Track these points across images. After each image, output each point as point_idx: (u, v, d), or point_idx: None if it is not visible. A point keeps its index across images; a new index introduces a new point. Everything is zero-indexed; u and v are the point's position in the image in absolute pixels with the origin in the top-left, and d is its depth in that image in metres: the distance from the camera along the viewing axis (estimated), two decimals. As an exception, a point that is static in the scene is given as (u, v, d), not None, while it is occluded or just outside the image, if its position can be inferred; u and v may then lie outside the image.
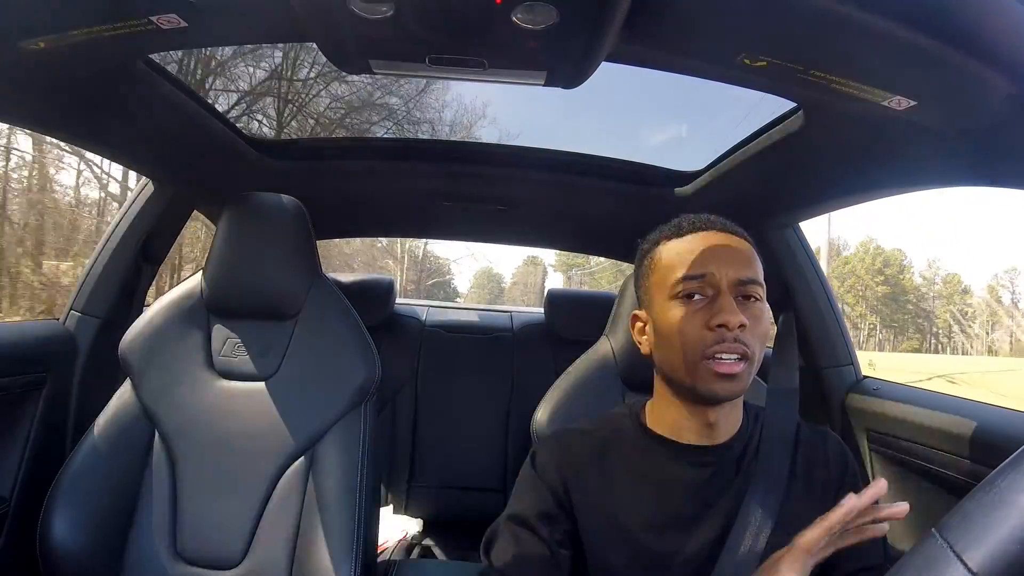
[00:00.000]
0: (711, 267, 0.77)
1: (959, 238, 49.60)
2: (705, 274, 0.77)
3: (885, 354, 33.43)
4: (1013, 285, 57.24)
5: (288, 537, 1.12)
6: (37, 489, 1.17)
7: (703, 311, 0.76)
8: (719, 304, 0.75)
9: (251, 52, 8.17)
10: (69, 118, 1.11)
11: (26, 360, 1.31)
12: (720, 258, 0.78)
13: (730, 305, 0.74)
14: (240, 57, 8.02)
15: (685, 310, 0.77)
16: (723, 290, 0.76)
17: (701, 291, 0.77)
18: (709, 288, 0.77)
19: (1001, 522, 0.41)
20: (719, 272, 0.76)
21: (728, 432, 0.82)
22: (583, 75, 0.85)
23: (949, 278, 56.54)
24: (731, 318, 0.73)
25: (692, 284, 0.77)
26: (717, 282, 0.76)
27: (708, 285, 0.77)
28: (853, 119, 0.95)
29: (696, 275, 0.77)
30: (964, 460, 1.11)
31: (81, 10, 0.75)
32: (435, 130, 11.44)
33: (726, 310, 0.74)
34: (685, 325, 0.76)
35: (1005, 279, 57.41)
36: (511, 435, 2.16)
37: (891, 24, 0.64)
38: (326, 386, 1.19)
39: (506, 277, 53.42)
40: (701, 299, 0.77)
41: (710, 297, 0.76)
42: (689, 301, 0.77)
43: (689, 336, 0.75)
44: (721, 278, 0.76)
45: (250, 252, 1.22)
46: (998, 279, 57.76)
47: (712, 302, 0.76)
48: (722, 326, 0.73)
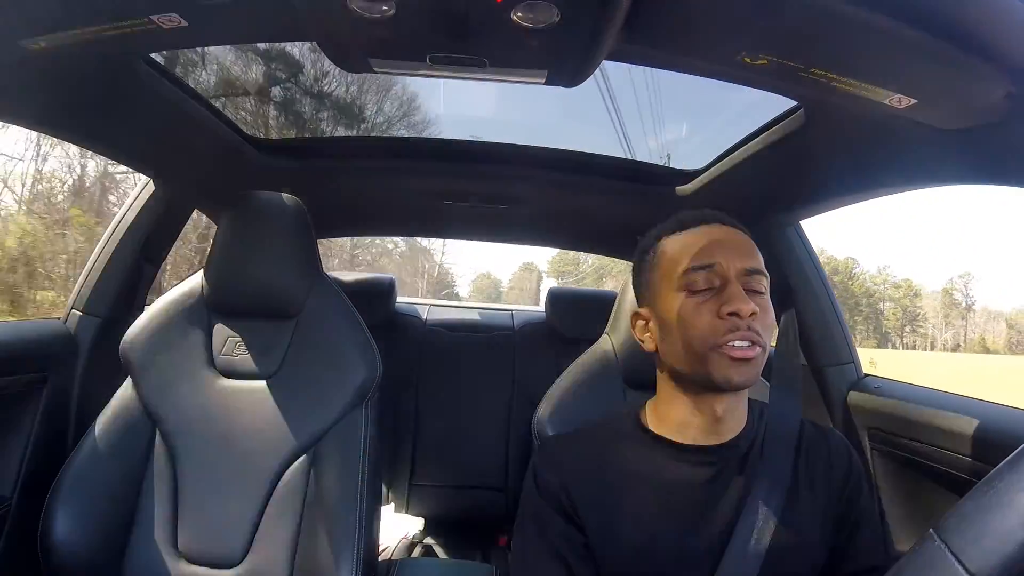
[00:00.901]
0: (718, 257, 0.77)
1: (915, 245, 54.08)
2: (713, 264, 0.76)
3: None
4: (967, 289, 59.63)
5: (289, 536, 1.12)
6: (38, 488, 1.17)
7: (712, 301, 0.75)
8: (729, 292, 0.74)
9: (251, 50, 8.17)
10: (70, 117, 1.11)
11: (27, 359, 1.31)
12: (726, 248, 0.78)
13: (740, 293, 0.74)
14: (240, 55, 8.02)
15: (694, 300, 0.76)
16: (731, 279, 0.75)
17: (709, 281, 0.76)
18: (717, 278, 0.76)
19: (998, 523, 0.41)
20: (726, 262, 0.76)
21: (734, 429, 0.82)
22: (584, 74, 0.85)
23: (900, 283, 59.06)
24: (743, 306, 0.73)
25: (700, 274, 0.77)
26: (725, 271, 0.76)
27: (716, 275, 0.76)
28: (854, 117, 0.95)
29: (704, 265, 0.77)
30: (966, 458, 1.11)
31: (82, 9, 0.75)
32: (435, 129, 11.40)
33: (737, 298, 0.73)
34: (695, 315, 0.75)
35: (959, 283, 59.86)
36: (512, 434, 2.16)
37: (891, 22, 0.64)
38: (327, 385, 1.19)
39: (504, 282, 54.75)
40: (709, 289, 0.76)
41: (718, 287, 0.76)
42: (696, 292, 0.76)
43: (700, 326, 0.75)
44: (729, 267, 0.76)
45: (251, 251, 1.22)
46: (952, 283, 60.31)
47: (720, 292, 0.75)
48: (734, 314, 0.73)
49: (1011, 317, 61.72)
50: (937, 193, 3.90)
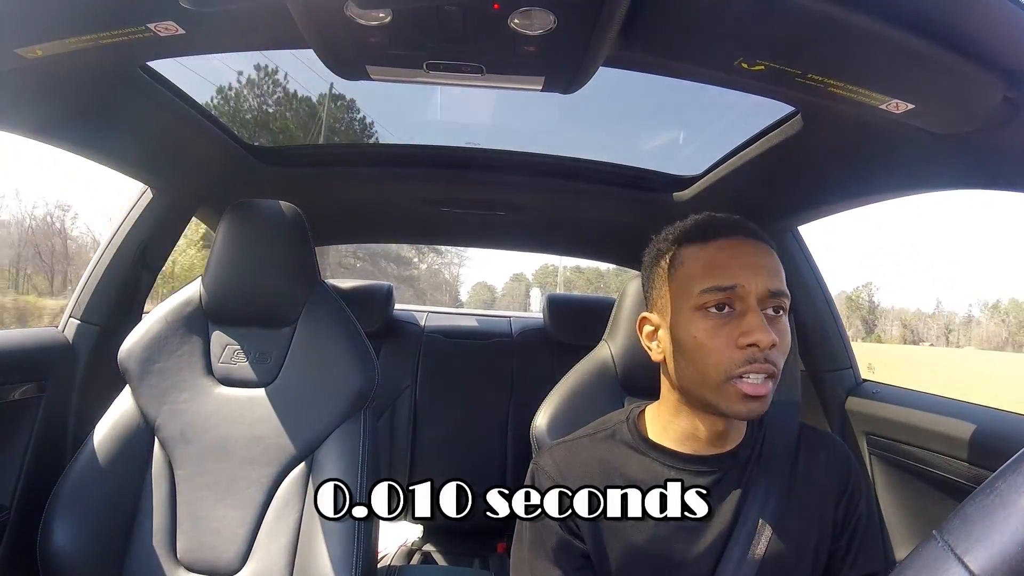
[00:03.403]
0: (740, 278, 0.72)
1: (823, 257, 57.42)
2: (735, 285, 0.72)
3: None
4: (871, 296, 61.64)
5: (288, 543, 1.12)
6: (37, 497, 1.17)
7: (730, 327, 0.71)
8: (749, 321, 0.70)
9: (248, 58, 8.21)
10: (67, 126, 1.11)
11: (25, 368, 1.30)
12: (749, 268, 0.73)
13: (761, 323, 0.70)
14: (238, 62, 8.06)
15: (711, 324, 0.72)
16: (752, 306, 0.71)
17: (729, 304, 0.72)
18: (738, 301, 0.72)
19: (1002, 524, 0.41)
20: (749, 284, 0.72)
21: (735, 440, 0.81)
22: (581, 80, 0.85)
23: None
24: (763, 337, 0.69)
25: (720, 295, 0.72)
26: (746, 295, 0.72)
27: (737, 298, 0.72)
28: (850, 123, 0.95)
29: (725, 287, 0.72)
30: (963, 463, 1.11)
31: (79, 17, 0.75)
32: (432, 136, 11.50)
33: (757, 329, 0.69)
34: (712, 342, 0.72)
35: (864, 292, 62.41)
36: (510, 441, 2.16)
37: (888, 28, 0.64)
38: (325, 392, 1.19)
39: (498, 289, 57.86)
40: (729, 312, 0.72)
41: (737, 312, 0.72)
42: (715, 314, 0.73)
43: (716, 354, 0.71)
44: (751, 290, 0.71)
45: (249, 259, 1.22)
46: (857, 291, 63.03)
47: (740, 317, 0.71)
48: (753, 345, 0.70)
49: (905, 318, 64.16)
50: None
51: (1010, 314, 54.38)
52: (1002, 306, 54.81)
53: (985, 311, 55.48)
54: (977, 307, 56.95)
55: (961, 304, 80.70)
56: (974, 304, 60.07)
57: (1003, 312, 54.83)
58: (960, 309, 67.05)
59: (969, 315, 59.11)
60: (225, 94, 18.14)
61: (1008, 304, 54.88)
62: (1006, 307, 54.56)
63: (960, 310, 61.47)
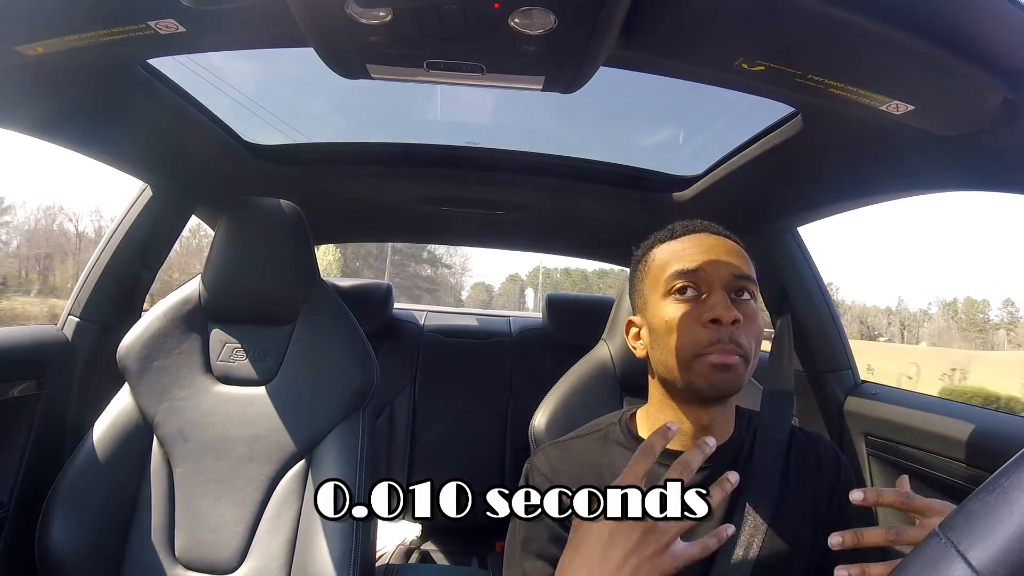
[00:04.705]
0: (704, 263, 0.77)
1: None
2: (698, 269, 0.77)
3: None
4: (835, 294, 63.72)
5: (286, 542, 1.12)
6: (36, 494, 1.17)
7: (696, 308, 0.76)
8: (712, 300, 0.75)
9: (248, 55, 8.19)
10: (67, 123, 1.11)
11: (24, 365, 1.30)
12: (712, 255, 0.78)
13: (723, 300, 0.75)
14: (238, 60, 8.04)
15: (679, 307, 0.77)
16: (716, 287, 0.76)
17: (694, 287, 0.77)
18: (702, 284, 0.77)
19: (1005, 521, 0.41)
20: (712, 268, 0.77)
21: (723, 435, 0.82)
22: (581, 80, 0.85)
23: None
24: (724, 313, 0.73)
25: (685, 279, 0.77)
26: (710, 278, 0.77)
27: (701, 281, 0.77)
28: (851, 123, 0.95)
29: (689, 270, 0.77)
30: (962, 464, 1.11)
31: (80, 15, 0.75)
32: (432, 135, 11.46)
33: (719, 305, 0.74)
34: (679, 322, 0.76)
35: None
36: (509, 439, 2.16)
37: (888, 29, 0.64)
38: (324, 391, 1.19)
39: (496, 288, 59.83)
40: (694, 295, 0.77)
41: (703, 294, 0.77)
42: (682, 298, 0.77)
43: (684, 335, 0.75)
44: (714, 274, 0.77)
45: (248, 257, 1.22)
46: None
47: (706, 299, 0.76)
48: (715, 321, 0.73)
49: (861, 314, 65.18)
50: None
51: (959, 312, 55.24)
52: (958, 303, 55.69)
53: (941, 308, 56.39)
54: (936, 305, 57.78)
55: (922, 301, 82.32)
56: (933, 302, 61.18)
57: (957, 309, 55.72)
58: (919, 307, 68.18)
59: (927, 311, 59.85)
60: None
61: (964, 302, 55.74)
62: (961, 305, 55.45)
63: (917, 308, 62.29)
